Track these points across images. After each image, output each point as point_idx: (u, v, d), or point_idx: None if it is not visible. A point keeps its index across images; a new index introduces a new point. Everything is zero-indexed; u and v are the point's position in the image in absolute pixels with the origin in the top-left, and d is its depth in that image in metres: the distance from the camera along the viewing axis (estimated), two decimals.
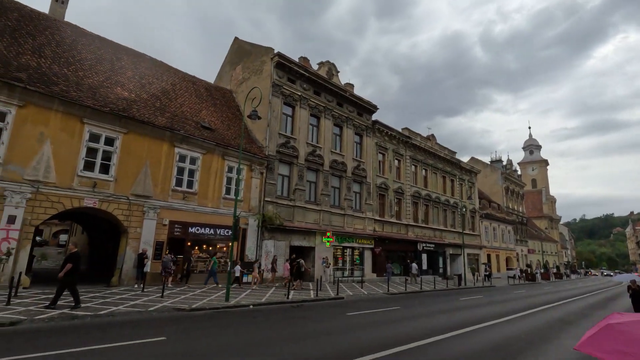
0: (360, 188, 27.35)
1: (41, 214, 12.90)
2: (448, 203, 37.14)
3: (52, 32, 17.62)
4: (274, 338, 7.84)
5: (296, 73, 23.45)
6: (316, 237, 22.77)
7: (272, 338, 7.84)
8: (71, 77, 15.72)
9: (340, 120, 26.53)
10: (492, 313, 13.00)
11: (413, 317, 11.44)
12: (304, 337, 8.09)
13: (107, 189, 14.59)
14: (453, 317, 11.81)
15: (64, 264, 9.61)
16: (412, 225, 31.50)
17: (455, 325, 9.84)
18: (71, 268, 9.49)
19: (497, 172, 53.82)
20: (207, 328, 8.63)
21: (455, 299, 17.64)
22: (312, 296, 15.34)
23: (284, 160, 22.15)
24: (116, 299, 11.66)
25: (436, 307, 14.22)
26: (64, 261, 9.72)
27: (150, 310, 10.25)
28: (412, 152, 33.36)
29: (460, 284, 26.57)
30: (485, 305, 15.74)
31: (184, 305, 11.30)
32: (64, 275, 9.41)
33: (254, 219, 19.58)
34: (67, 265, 9.48)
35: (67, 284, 9.53)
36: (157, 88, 20.00)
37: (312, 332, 8.61)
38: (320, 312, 12.02)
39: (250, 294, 14.74)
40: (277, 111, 22.14)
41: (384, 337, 8.15)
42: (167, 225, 16.26)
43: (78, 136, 14.08)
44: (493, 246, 44.54)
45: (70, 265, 9.48)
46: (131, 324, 8.66)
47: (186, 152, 17.41)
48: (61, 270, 9.57)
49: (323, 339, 7.90)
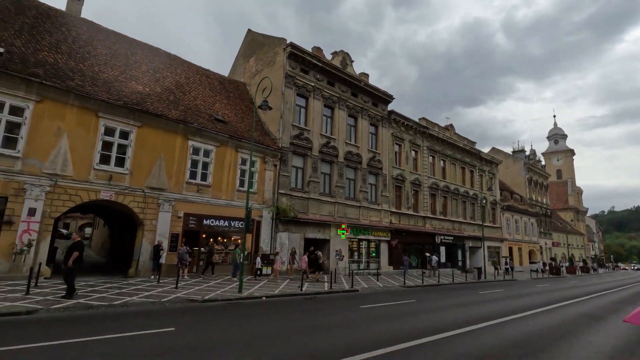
0: (375, 180, 26.89)
1: (60, 206, 13.20)
2: (467, 195, 36.15)
3: (69, 28, 17.91)
4: (284, 330, 7.71)
5: (309, 63, 23.10)
6: (331, 229, 22.56)
7: (281, 330, 7.71)
8: (87, 72, 15.95)
9: (354, 110, 26.06)
10: (513, 307, 12.48)
11: (429, 311, 11.09)
12: (314, 329, 7.92)
13: (122, 182, 14.80)
14: (470, 311, 11.39)
15: (68, 253, 9.72)
16: (430, 217, 30.83)
17: (473, 320, 9.46)
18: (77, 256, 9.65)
19: (520, 163, 51.98)
20: (218, 319, 8.59)
21: (473, 293, 17.12)
22: (326, 288, 15.18)
23: (298, 152, 21.95)
24: (131, 289, 11.84)
25: (453, 301, 13.80)
26: (68, 250, 9.83)
27: (163, 301, 10.33)
28: (430, 142, 32.52)
29: (480, 277, 25.86)
30: (505, 299, 15.18)
31: (197, 296, 11.34)
32: (72, 263, 9.57)
33: (267, 211, 19.54)
34: (74, 253, 9.62)
35: (75, 271, 9.69)
36: (171, 81, 20.11)
37: (323, 325, 8.44)
38: (334, 304, 11.84)
39: (264, 286, 14.72)
40: (290, 102, 21.91)
41: (397, 331, 7.88)
42: (182, 217, 16.41)
43: (94, 130, 14.30)
44: (515, 239, 43.21)
45: (77, 253, 9.63)
46: (143, 314, 8.72)
47: (200, 144, 17.45)
48: (66, 259, 9.67)
49: (334, 331, 7.70)
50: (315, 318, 9.42)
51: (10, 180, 12.23)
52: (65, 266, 9.67)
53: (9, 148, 12.38)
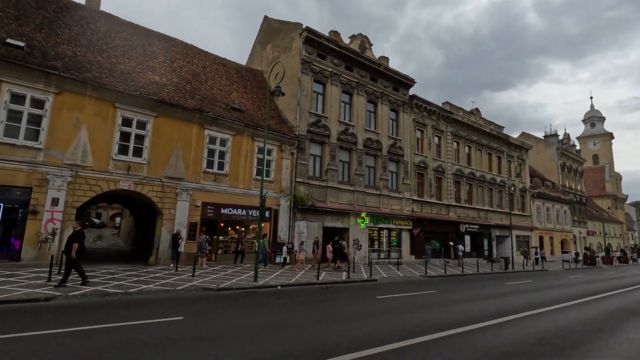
0: (396, 167, 26.16)
1: (81, 196, 13.53)
2: (494, 182, 34.64)
3: (87, 21, 18.15)
4: (294, 320, 7.49)
5: (326, 48, 22.47)
6: (350, 218, 22.19)
7: (291, 320, 7.49)
8: (104, 64, 16.14)
9: (374, 96, 25.27)
10: (541, 300, 11.74)
11: (448, 303, 10.58)
12: (325, 320, 7.65)
13: (140, 172, 15.00)
14: (494, 303, 10.78)
15: (69, 244, 9.71)
16: (454, 205, 29.79)
17: (495, 313, 8.89)
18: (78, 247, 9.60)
19: (552, 148, 49.26)
20: (229, 308, 8.49)
21: (499, 284, 16.35)
22: (344, 278, 14.91)
23: (315, 139, 21.57)
24: (149, 277, 12.01)
25: (476, 292, 13.17)
26: (68, 240, 9.81)
27: (178, 289, 10.37)
28: (454, 127, 31.22)
29: (507, 267, 24.80)
30: (534, 291, 14.36)
31: (213, 285, 11.35)
32: (74, 255, 9.55)
33: (285, 200, 19.39)
34: (74, 245, 9.56)
35: (78, 262, 9.70)
36: (188, 71, 20.12)
37: (335, 315, 8.15)
38: (349, 294, 11.55)
39: (280, 275, 14.63)
40: (307, 89, 21.47)
41: (413, 324, 7.48)
42: (200, 206, 16.52)
43: (111, 121, 14.49)
44: (546, 228, 41.23)
45: (77, 245, 9.56)
46: (156, 302, 8.74)
47: (216, 133, 17.41)
48: (67, 250, 9.70)
49: (345, 323, 7.40)
50: (328, 308, 9.16)
51: (34, 171, 12.61)
52: (68, 259, 9.66)
53: (31, 140, 12.74)
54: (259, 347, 5.51)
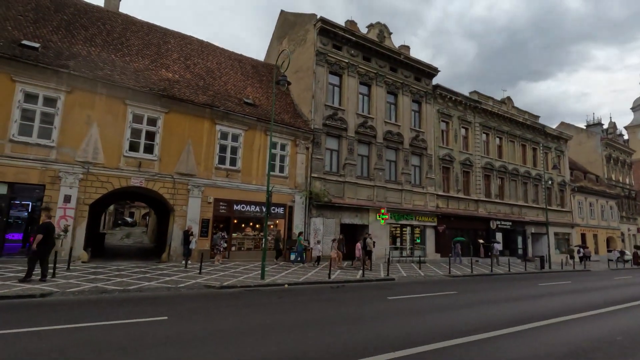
0: (419, 161, 24.88)
1: (93, 193, 13.64)
2: (529, 175, 32.31)
3: (104, 22, 18.43)
4: (287, 322, 6.85)
5: (342, 38, 21.65)
6: (369, 214, 21.29)
7: (284, 322, 6.86)
8: (118, 62, 16.26)
9: (394, 87, 24.14)
10: (577, 304, 10.39)
11: (468, 305, 9.55)
12: (321, 322, 6.96)
13: (152, 169, 14.96)
14: (520, 307, 9.62)
15: (34, 235, 9.35)
16: (484, 200, 28.00)
17: (519, 319, 7.80)
18: (42, 239, 9.10)
19: (595, 138, 45.47)
20: (223, 308, 8.00)
21: (531, 285, 14.90)
22: (358, 277, 14.12)
23: (332, 133, 20.83)
24: (155, 274, 11.84)
25: (502, 294, 11.95)
26: (35, 232, 9.47)
27: (179, 287, 10.06)
28: (483, 118, 29.35)
29: (544, 266, 22.88)
30: (570, 293, 12.89)
31: (217, 283, 10.97)
32: (36, 246, 9.06)
33: (300, 195, 18.82)
34: (38, 236, 9.09)
35: (39, 255, 9.20)
36: (202, 68, 20.02)
37: (334, 317, 7.44)
38: (360, 294, 10.77)
39: (293, 272, 14.07)
40: (322, 81, 20.77)
41: (419, 329, 6.64)
42: (212, 203, 16.30)
43: (122, 118, 14.53)
44: (589, 224, 38.05)
45: (40, 236, 9.07)
46: (149, 300, 8.42)
47: (228, 129, 17.14)
48: (32, 242, 9.33)
49: (342, 326, 6.68)
50: (331, 309, 8.46)
51: (47, 169, 12.81)
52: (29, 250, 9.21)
53: (44, 138, 12.96)
54: (232, 352, 4.93)
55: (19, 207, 13.24)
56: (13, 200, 12.71)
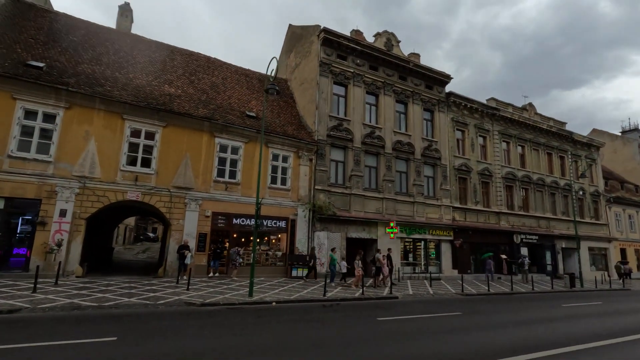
0: (433, 171, 23.72)
1: (89, 207, 13.67)
2: (557, 185, 30.14)
3: (112, 42, 19.01)
4: (246, 346, 6.16)
5: (346, 48, 21.28)
6: (378, 228, 20.31)
7: (247, 345, 6.18)
8: (120, 79, 16.58)
9: (404, 95, 23.37)
10: (605, 329, 9.02)
11: (465, 330, 8.46)
12: (285, 347, 6.23)
13: (148, 182, 14.90)
14: (529, 332, 8.41)
15: None
16: (506, 213, 26.23)
17: (526, 346, 6.72)
18: None
19: (633, 145, 42.22)
20: (188, 327, 7.43)
21: (553, 306, 13.37)
22: (357, 294, 13.19)
23: (337, 144, 20.24)
24: (142, 290, 11.49)
25: (514, 317, 10.67)
26: None
27: (158, 304, 9.63)
28: (502, 126, 27.85)
29: (574, 285, 20.81)
30: (596, 316, 11.36)
31: (200, 300, 10.45)
32: None
33: (302, 208, 18.21)
34: None
35: None
36: (207, 83, 20.17)
37: (302, 342, 6.68)
38: (349, 314, 9.90)
39: (289, 289, 13.35)
40: (326, 92, 20.36)
41: (403, 356, 5.77)
42: (210, 216, 16.00)
43: (120, 132, 14.64)
44: (630, 238, 34.86)
45: None
46: (116, 318, 7.99)
47: (227, 141, 16.96)
48: None
49: (304, 353, 5.92)
50: (307, 331, 7.68)
51: (44, 184, 12.98)
52: None
53: (42, 153, 13.19)
54: None
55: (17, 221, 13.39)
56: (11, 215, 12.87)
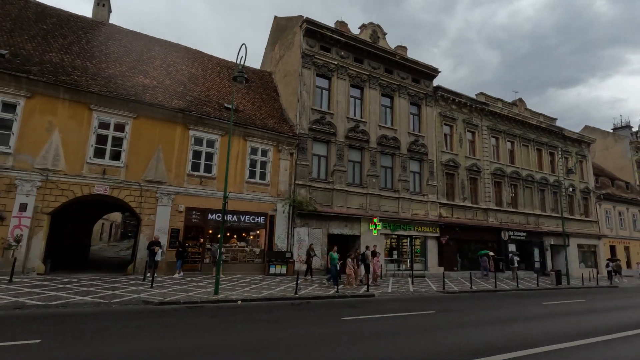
0: (419, 167, 23.26)
1: (52, 201, 13.04)
2: (546, 182, 29.81)
3: (86, 31, 18.30)
4: (186, 349, 5.63)
5: (330, 39, 20.69)
6: (361, 224, 19.81)
7: (183, 349, 5.64)
8: (91, 69, 15.91)
9: (390, 89, 22.84)
10: (585, 328, 8.58)
11: (436, 329, 7.99)
12: (229, 350, 5.71)
13: (117, 176, 14.28)
14: (501, 332, 7.95)
15: None
16: (494, 209, 25.84)
17: (493, 347, 6.25)
18: None
19: (624, 142, 42.02)
20: (130, 328, 6.89)
21: (535, 304, 12.95)
22: (332, 292, 12.69)
23: (319, 138, 19.69)
24: (101, 288, 10.92)
25: (491, 315, 10.22)
26: None
27: (112, 302, 9.07)
28: (491, 121, 27.42)
29: (560, 282, 20.48)
30: (580, 314, 10.94)
31: (160, 298, 9.90)
32: None
33: (282, 204, 17.67)
34: None
35: None
36: (185, 74, 19.52)
37: (250, 344, 6.15)
38: (317, 313, 9.40)
39: (262, 287, 12.82)
40: (308, 84, 19.78)
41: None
42: (183, 211, 15.42)
43: (87, 123, 14.00)
44: (619, 235, 34.66)
45: None
46: (55, 318, 7.42)
47: (202, 134, 16.36)
48: None
49: (244, 357, 5.40)
50: (263, 331, 7.15)
51: (2, 176, 12.33)
52: None
53: (0, 144, 12.53)
54: None
55: None
56: None
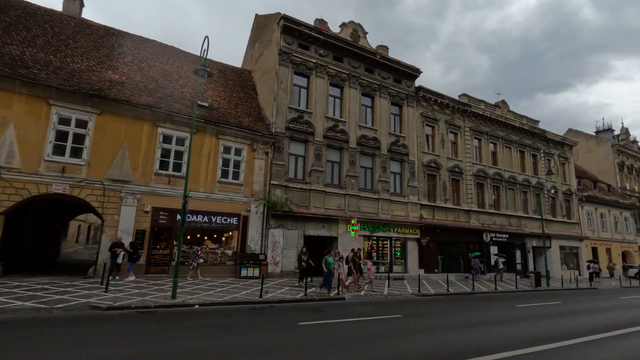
0: (400, 168, 22.95)
1: (4, 201, 12.32)
2: (529, 183, 29.81)
3: (53, 24, 17.58)
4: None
5: (308, 37, 20.30)
6: (339, 225, 19.38)
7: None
8: (54, 62, 15.22)
9: (370, 89, 22.52)
10: (547, 332, 8.25)
11: (398, 333, 7.57)
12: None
13: (78, 174, 13.61)
14: (464, 337, 7.56)
15: None
16: (476, 211, 25.67)
17: (446, 355, 5.84)
18: None
19: (606, 145, 42.49)
20: (57, 336, 6.33)
21: (508, 306, 12.64)
22: (299, 296, 12.20)
23: (297, 137, 19.23)
24: (50, 292, 10.27)
25: (458, 319, 9.83)
26: None
27: (55, 308, 8.45)
28: (474, 122, 27.32)
29: (540, 284, 20.31)
30: (548, 317, 10.64)
31: (110, 302, 9.30)
32: None
33: (256, 204, 17.14)
34: None
35: None
36: (158, 71, 18.91)
37: (186, 353, 5.64)
38: (274, 318, 8.90)
39: (227, 291, 12.26)
40: (285, 82, 19.33)
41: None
42: (150, 212, 14.80)
43: (45, 119, 13.32)
44: (601, 237, 34.88)
45: None
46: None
47: (171, 131, 15.77)
48: None
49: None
50: (205, 339, 6.63)
51: None
52: None
53: None
54: None
55: None
56: None
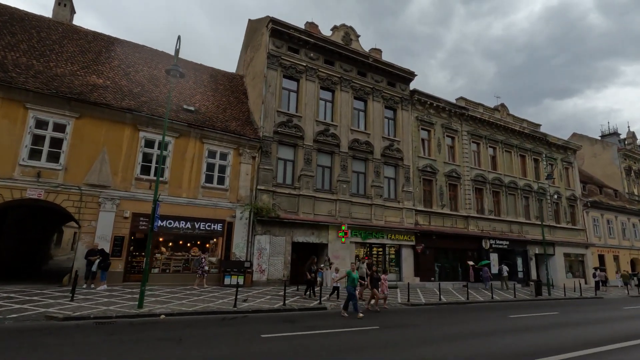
0: (394, 172, 22.35)
1: None
2: (530, 189, 28.94)
3: (40, 30, 17.52)
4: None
5: (298, 40, 19.99)
6: (329, 231, 18.78)
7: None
8: (36, 67, 15.03)
9: (363, 92, 22.08)
10: (534, 347, 7.55)
11: (366, 348, 6.95)
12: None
13: (55, 179, 13.27)
14: (437, 353, 6.91)
15: None
16: (475, 217, 24.88)
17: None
18: None
19: (612, 149, 41.38)
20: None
21: (501, 317, 11.90)
22: (277, 305, 11.60)
23: (285, 142, 18.78)
24: (12, 301, 9.82)
25: (442, 331, 9.15)
26: None
27: (7, 318, 7.99)
28: (472, 126, 26.67)
29: (540, 293, 19.40)
30: (540, 329, 9.89)
31: (69, 312, 8.81)
32: None
33: (241, 210, 16.65)
34: None
35: None
36: (145, 75, 18.69)
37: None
38: (239, 329, 8.33)
39: (204, 300, 11.72)
40: (274, 85, 18.97)
41: None
42: (129, 217, 14.38)
43: (21, 123, 13.05)
44: (607, 244, 33.68)
45: None
46: None
47: (154, 135, 15.43)
48: None
49: None
50: (152, 353, 6.09)
51: None
52: None
53: None
54: None
55: None
56: None
